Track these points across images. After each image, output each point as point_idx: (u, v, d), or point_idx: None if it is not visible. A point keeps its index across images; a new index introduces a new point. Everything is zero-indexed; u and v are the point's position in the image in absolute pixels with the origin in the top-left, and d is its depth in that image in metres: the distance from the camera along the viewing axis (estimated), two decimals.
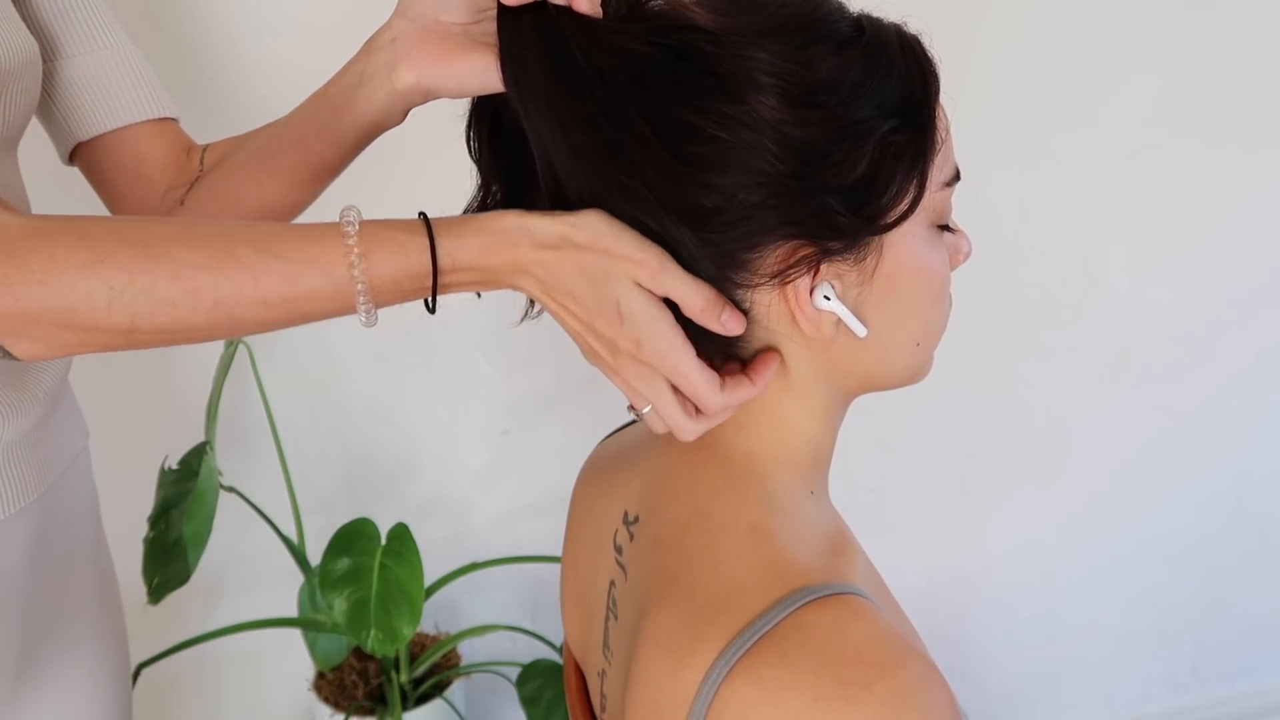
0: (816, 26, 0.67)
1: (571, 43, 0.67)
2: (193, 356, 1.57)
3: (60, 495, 0.93)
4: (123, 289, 0.66)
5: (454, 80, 0.78)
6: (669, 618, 0.67)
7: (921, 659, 0.62)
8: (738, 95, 0.65)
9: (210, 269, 0.67)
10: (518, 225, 0.67)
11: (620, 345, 0.68)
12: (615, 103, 0.66)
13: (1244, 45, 1.72)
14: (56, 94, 0.92)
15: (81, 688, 0.97)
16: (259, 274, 0.67)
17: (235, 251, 0.67)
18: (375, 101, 0.81)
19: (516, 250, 0.67)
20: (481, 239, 0.67)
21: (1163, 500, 1.94)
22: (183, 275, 0.66)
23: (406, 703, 1.61)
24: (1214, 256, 1.82)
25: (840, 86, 0.66)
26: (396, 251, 0.67)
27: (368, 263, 0.67)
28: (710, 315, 0.67)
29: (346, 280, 0.67)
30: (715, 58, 0.65)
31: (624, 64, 0.67)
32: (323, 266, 0.67)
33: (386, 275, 0.67)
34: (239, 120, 0.98)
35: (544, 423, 1.71)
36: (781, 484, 0.73)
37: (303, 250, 0.67)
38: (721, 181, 0.65)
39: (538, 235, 0.67)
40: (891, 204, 0.67)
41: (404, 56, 0.79)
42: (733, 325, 0.68)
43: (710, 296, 0.67)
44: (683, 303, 0.67)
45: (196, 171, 0.93)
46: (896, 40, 0.69)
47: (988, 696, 1.99)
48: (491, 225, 0.68)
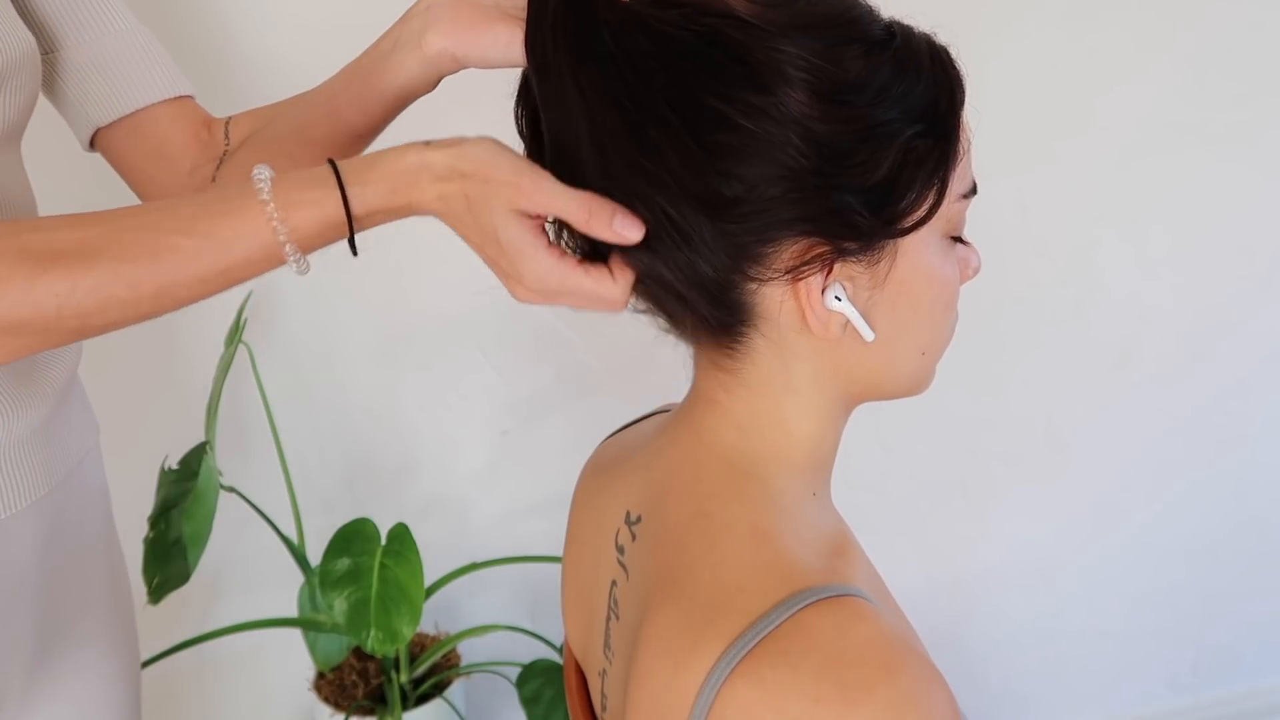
0: (849, 26, 0.67)
1: (600, 21, 0.67)
2: (193, 357, 1.57)
3: (71, 491, 0.93)
4: (67, 295, 0.69)
5: (478, 50, 0.80)
6: (670, 618, 0.67)
7: (922, 661, 0.62)
8: (767, 86, 0.65)
9: (145, 262, 0.69)
10: (418, 162, 0.69)
11: (509, 273, 0.70)
12: (641, 85, 0.66)
13: (1244, 45, 1.72)
14: (71, 82, 0.93)
15: (94, 683, 0.97)
16: (191, 257, 0.70)
17: (165, 240, 0.70)
18: (406, 68, 0.83)
19: (418, 187, 0.69)
20: (387, 183, 0.70)
21: (1163, 500, 1.94)
22: (122, 273, 0.69)
23: (406, 703, 1.61)
24: (1214, 256, 1.82)
25: (868, 88, 0.66)
26: (313, 208, 0.70)
27: (289, 225, 0.69)
28: (598, 223, 0.66)
29: (273, 244, 0.70)
30: (746, 47, 0.65)
31: (653, 47, 0.66)
32: (248, 235, 0.70)
33: (309, 231, 0.70)
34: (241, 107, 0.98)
35: (544, 423, 1.71)
36: (783, 485, 0.73)
37: (226, 225, 0.70)
38: (743, 172, 0.65)
39: (434, 169, 0.69)
40: (910, 209, 0.68)
41: (435, 23, 0.81)
42: (628, 231, 0.66)
43: (593, 204, 0.66)
44: (565, 217, 0.67)
45: (222, 146, 0.94)
46: (926, 49, 0.69)
47: (988, 697, 1.98)
48: (395, 167, 0.70)
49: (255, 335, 1.52)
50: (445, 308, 1.62)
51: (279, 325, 1.60)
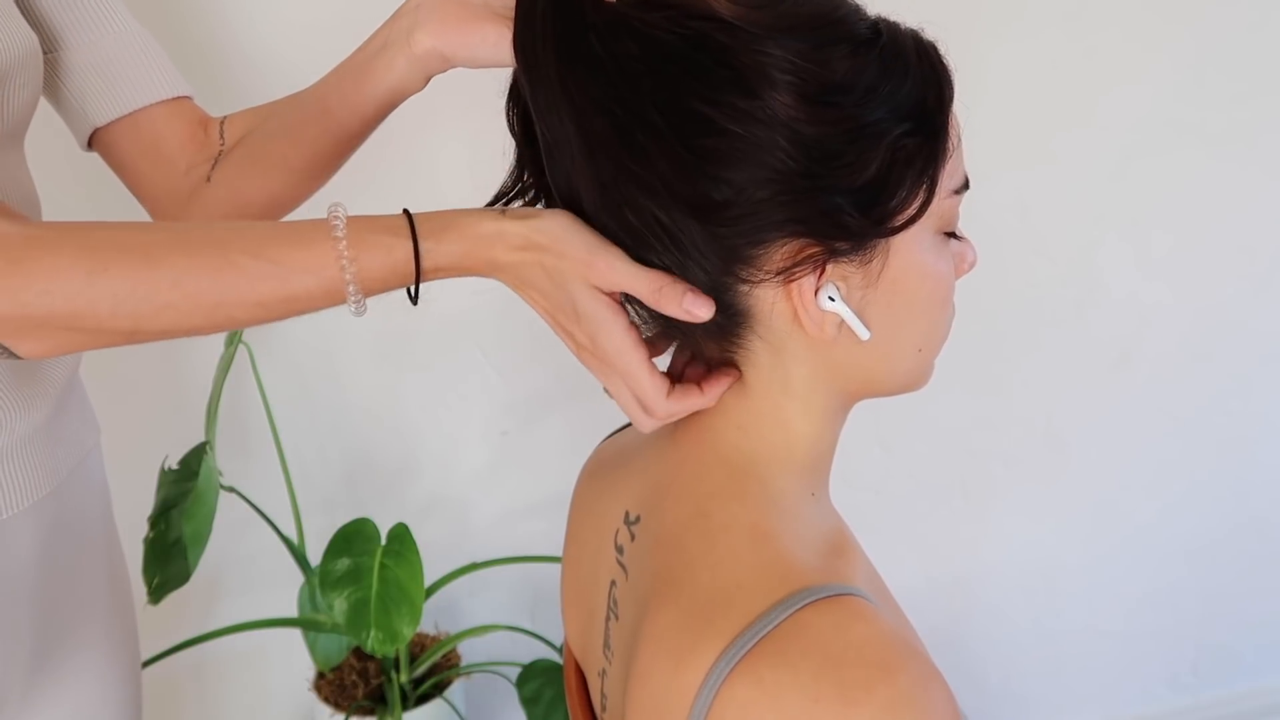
0: (835, 27, 0.67)
1: (587, 24, 0.67)
2: (193, 357, 1.57)
3: (72, 491, 0.94)
4: (125, 296, 0.69)
5: (467, 49, 0.81)
6: (670, 618, 0.67)
7: (922, 661, 0.62)
8: (753, 90, 0.65)
9: (208, 275, 0.69)
10: (494, 230, 0.70)
11: (579, 340, 0.72)
12: (629, 89, 0.66)
13: (1244, 45, 1.72)
14: (69, 81, 0.93)
15: (94, 685, 0.97)
16: (255, 279, 0.70)
17: (231, 258, 0.70)
18: (395, 67, 0.84)
19: (491, 253, 0.70)
20: (461, 245, 0.70)
21: (1163, 500, 1.94)
22: (183, 282, 0.69)
23: (406, 703, 1.61)
24: (1214, 256, 1.82)
25: (855, 88, 0.66)
26: (384, 254, 0.70)
27: (357, 266, 0.70)
28: (668, 300, 0.68)
29: (338, 281, 0.70)
30: (732, 50, 0.65)
31: (640, 50, 0.66)
32: (315, 270, 0.70)
33: (375, 275, 0.71)
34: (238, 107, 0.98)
35: (544, 423, 1.71)
36: (783, 485, 0.73)
37: (295, 256, 0.70)
38: (732, 175, 0.65)
39: (509, 238, 0.70)
40: (900, 208, 0.67)
41: (424, 21, 0.82)
42: (699, 310, 0.68)
43: (661, 282, 0.68)
44: (635, 293, 0.69)
45: (217, 146, 0.94)
46: (913, 45, 0.69)
47: (988, 697, 1.98)
48: (470, 231, 0.70)
49: (255, 335, 1.52)
50: (445, 308, 1.62)
51: (279, 325, 1.59)
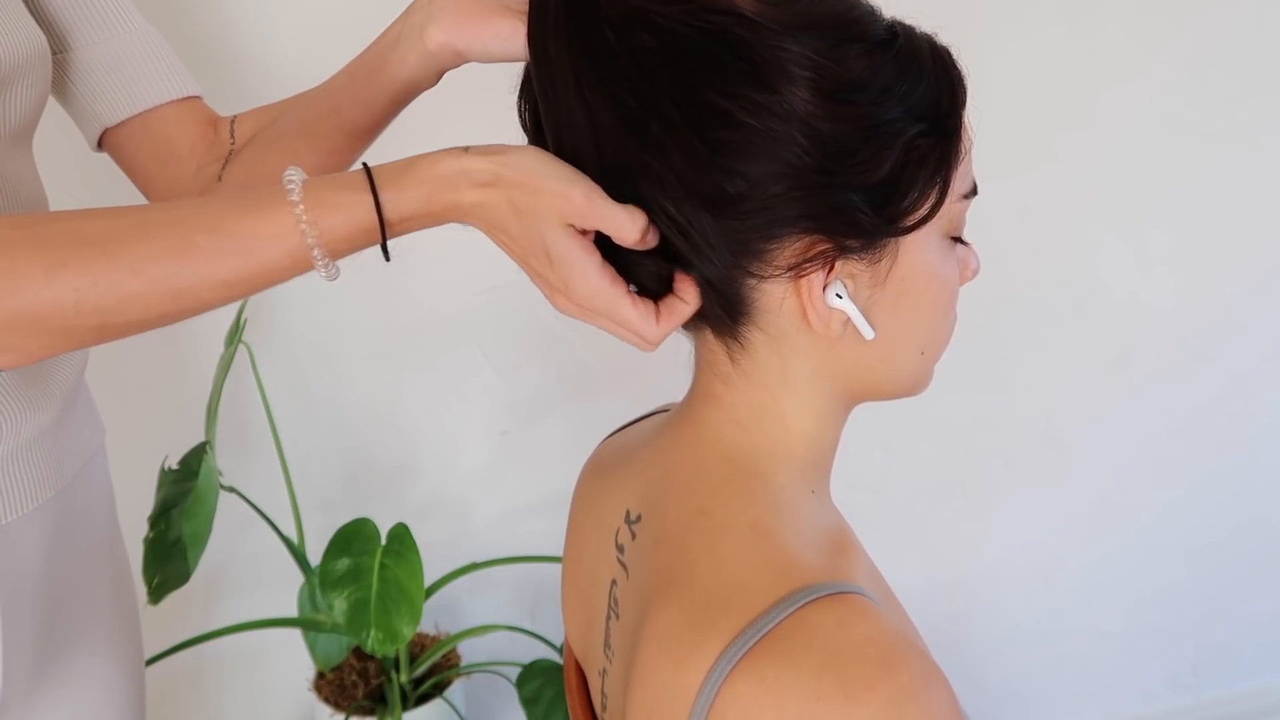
0: (852, 26, 0.68)
1: (601, 18, 0.67)
2: (193, 357, 1.57)
3: (77, 492, 0.93)
4: (87, 290, 0.66)
5: (480, 44, 0.80)
6: (671, 617, 0.67)
7: (923, 658, 0.62)
8: (771, 84, 0.65)
9: (168, 259, 0.67)
10: (456, 168, 0.67)
11: (553, 284, 0.69)
12: (645, 82, 0.66)
13: (1244, 45, 1.72)
14: (79, 81, 0.92)
15: (97, 687, 0.97)
16: (216, 258, 0.67)
17: (189, 238, 0.67)
18: (407, 62, 0.83)
19: (456, 193, 0.67)
20: (423, 189, 0.68)
21: (1163, 500, 1.94)
22: (143, 269, 0.67)
23: (406, 703, 1.61)
24: (1214, 256, 1.82)
25: (871, 87, 0.66)
26: (344, 212, 0.67)
27: (318, 229, 0.67)
28: (655, 239, 0.67)
29: (301, 247, 0.68)
30: (751, 45, 0.65)
31: (657, 43, 0.66)
32: (276, 238, 0.67)
33: (339, 235, 0.68)
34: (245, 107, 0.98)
35: (544, 423, 1.70)
36: (783, 483, 0.73)
37: (254, 226, 0.67)
38: (746, 169, 0.65)
39: (474, 175, 0.67)
40: (912, 208, 0.68)
41: (436, 16, 0.81)
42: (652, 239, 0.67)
43: (644, 223, 0.66)
44: (616, 234, 0.67)
45: (228, 145, 0.94)
46: (928, 49, 0.69)
47: (988, 696, 1.98)
48: (430, 172, 0.68)
49: (255, 335, 1.52)
50: (445, 308, 1.62)
51: (279, 325, 1.60)
